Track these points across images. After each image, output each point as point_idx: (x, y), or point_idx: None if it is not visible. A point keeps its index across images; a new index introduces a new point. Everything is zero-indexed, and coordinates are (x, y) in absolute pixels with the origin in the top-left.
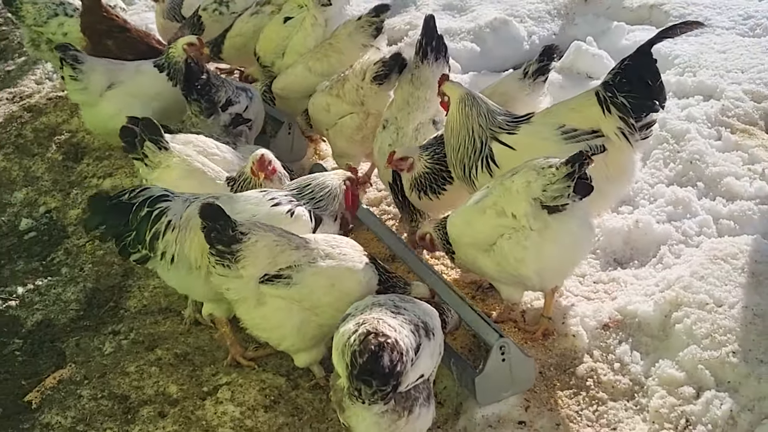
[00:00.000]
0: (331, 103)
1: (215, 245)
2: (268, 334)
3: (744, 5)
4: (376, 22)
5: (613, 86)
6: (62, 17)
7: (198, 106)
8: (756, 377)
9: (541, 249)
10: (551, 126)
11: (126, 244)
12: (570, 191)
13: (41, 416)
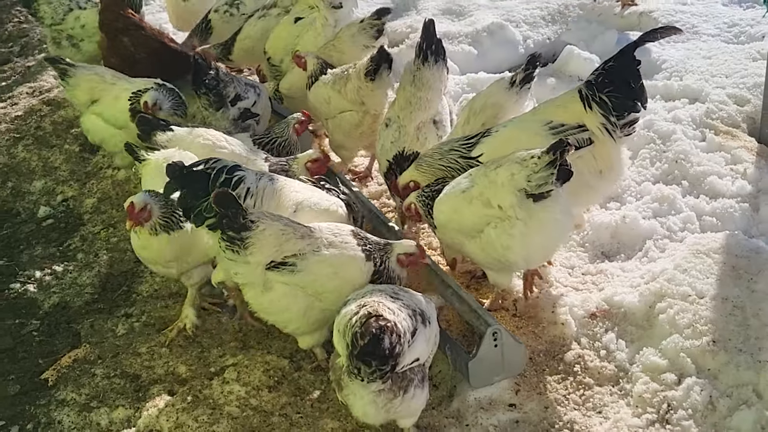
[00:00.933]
0: (332, 97)
1: (226, 231)
2: (274, 318)
3: (729, 13)
4: (377, 24)
5: (595, 85)
6: (77, 11)
7: (207, 100)
8: (735, 365)
9: (527, 237)
10: (540, 122)
11: (201, 210)
12: (553, 178)
13: (57, 393)
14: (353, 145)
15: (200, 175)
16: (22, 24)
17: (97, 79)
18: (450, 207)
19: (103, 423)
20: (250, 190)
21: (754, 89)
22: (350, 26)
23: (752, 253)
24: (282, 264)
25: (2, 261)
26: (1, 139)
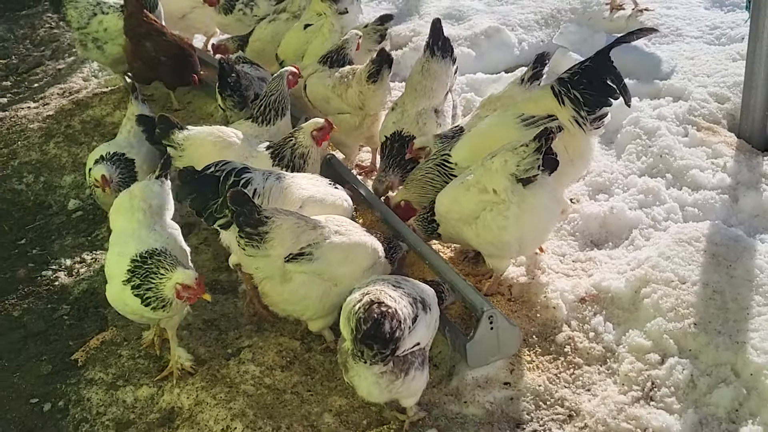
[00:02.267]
0: (331, 98)
1: (244, 228)
2: (293, 307)
3: (711, 17)
4: (380, 29)
5: (569, 82)
6: (100, 15)
7: (231, 101)
8: (714, 346)
9: (520, 218)
10: (512, 116)
11: (212, 211)
12: (539, 163)
13: (86, 372)
14: (353, 142)
15: (210, 178)
16: (53, 29)
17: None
18: (449, 198)
19: (128, 400)
20: (257, 190)
21: (733, 88)
22: (355, 30)
23: (731, 242)
24: (299, 255)
25: (35, 250)
26: (34, 137)
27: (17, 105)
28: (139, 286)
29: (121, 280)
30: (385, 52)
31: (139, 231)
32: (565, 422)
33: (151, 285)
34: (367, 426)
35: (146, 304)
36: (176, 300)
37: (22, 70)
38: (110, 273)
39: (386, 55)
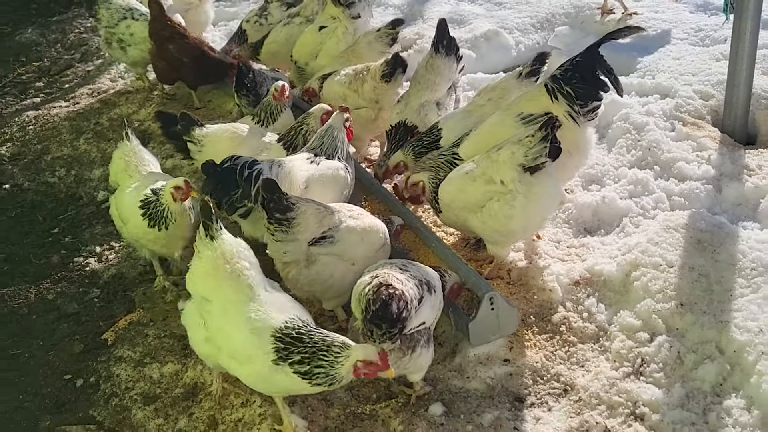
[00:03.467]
0: (348, 95)
1: (274, 214)
2: (317, 287)
3: (696, 20)
4: (392, 33)
5: (561, 79)
6: (129, 20)
7: (247, 100)
8: (700, 325)
9: (526, 208)
10: (512, 115)
11: (233, 201)
12: (546, 151)
13: (115, 351)
14: (366, 135)
15: (230, 171)
16: (82, 34)
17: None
18: (455, 187)
19: (155, 376)
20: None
21: (717, 86)
22: (367, 34)
23: (715, 228)
24: (322, 238)
25: (68, 238)
26: (66, 134)
27: (50, 104)
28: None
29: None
30: (400, 57)
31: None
32: (560, 396)
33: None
34: (376, 400)
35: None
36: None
37: (54, 71)
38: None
39: (401, 60)
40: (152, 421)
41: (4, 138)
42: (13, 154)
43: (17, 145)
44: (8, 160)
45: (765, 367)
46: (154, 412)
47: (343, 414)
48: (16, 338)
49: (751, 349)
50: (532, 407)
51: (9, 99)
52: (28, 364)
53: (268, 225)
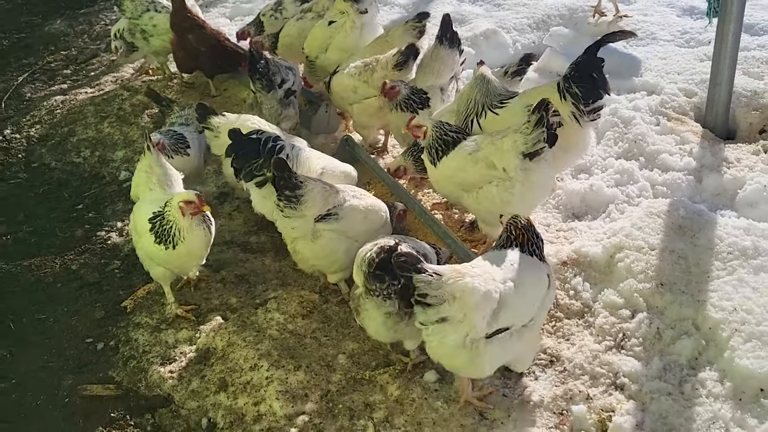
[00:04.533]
0: (358, 86)
1: (284, 191)
2: (322, 261)
3: (682, 23)
4: (419, 26)
5: (570, 79)
6: (152, 12)
7: (260, 84)
8: (678, 304)
9: (524, 194)
10: (522, 105)
11: (252, 169)
12: (544, 136)
13: (134, 317)
14: (374, 124)
15: (254, 141)
16: (107, 26)
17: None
18: (457, 165)
19: (170, 341)
20: (289, 155)
21: (700, 84)
22: (398, 27)
23: (695, 215)
24: (327, 215)
25: (91, 214)
26: (91, 118)
27: (76, 90)
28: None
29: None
30: (414, 46)
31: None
32: (547, 366)
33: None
34: (375, 367)
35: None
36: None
37: (81, 60)
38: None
39: (414, 48)
40: (167, 382)
41: (34, 120)
42: (41, 136)
43: (45, 127)
44: (37, 141)
45: (737, 343)
46: (169, 373)
47: (345, 379)
48: (42, 304)
49: (725, 326)
50: (521, 376)
51: (38, 85)
52: (53, 328)
53: (278, 201)
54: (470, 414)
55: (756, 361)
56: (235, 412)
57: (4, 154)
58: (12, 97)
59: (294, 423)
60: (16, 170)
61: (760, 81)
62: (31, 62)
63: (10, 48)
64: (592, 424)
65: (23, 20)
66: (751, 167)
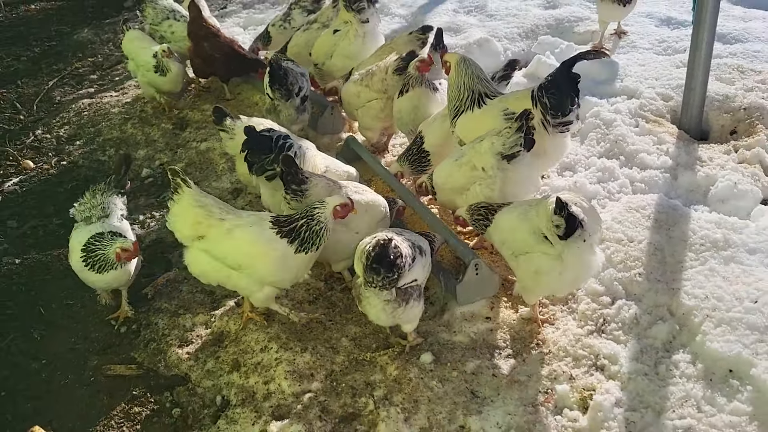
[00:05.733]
0: (361, 91)
1: (291, 185)
2: (326, 252)
3: (659, 32)
4: (422, 37)
5: (543, 89)
6: (172, 20)
7: (279, 93)
8: (654, 291)
9: (503, 190)
10: (499, 109)
11: (264, 164)
12: (521, 141)
13: (154, 303)
14: (378, 125)
15: (266, 138)
16: None
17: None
18: (445, 173)
19: (187, 325)
20: (297, 153)
21: (676, 89)
22: (402, 36)
23: (671, 210)
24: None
25: None
26: (116, 120)
27: (102, 94)
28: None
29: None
30: (413, 52)
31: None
32: (533, 349)
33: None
34: (376, 349)
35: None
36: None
37: (106, 66)
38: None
39: (414, 54)
40: (185, 362)
41: (63, 122)
42: (70, 136)
43: (74, 127)
44: (66, 141)
45: (709, 327)
46: (186, 355)
47: (347, 360)
48: (70, 291)
49: (697, 312)
50: (509, 358)
51: (67, 89)
52: (79, 313)
53: (285, 195)
54: (462, 392)
55: (725, 344)
56: (247, 390)
57: (35, 152)
58: (43, 100)
59: (301, 400)
60: (46, 167)
61: (731, 86)
62: (60, 68)
63: (41, 55)
64: (575, 402)
65: (54, 29)
66: (723, 166)
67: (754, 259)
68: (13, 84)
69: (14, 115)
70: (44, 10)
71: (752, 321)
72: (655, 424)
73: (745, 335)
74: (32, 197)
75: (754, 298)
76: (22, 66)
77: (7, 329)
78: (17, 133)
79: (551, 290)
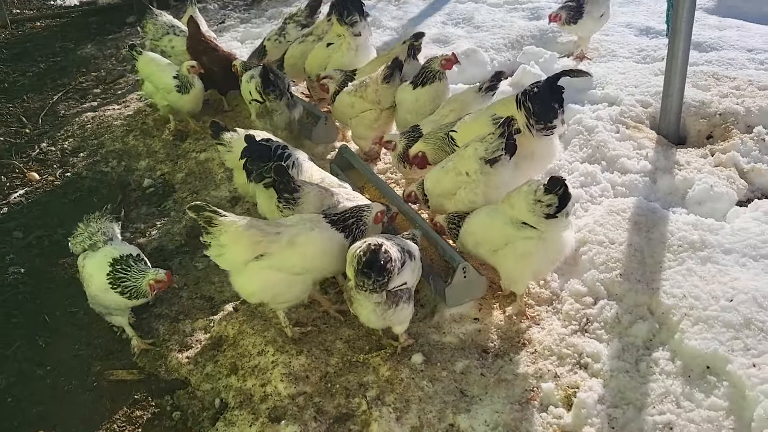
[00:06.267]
0: (355, 102)
1: (283, 194)
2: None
3: (639, 42)
4: (416, 44)
5: (527, 94)
6: (172, 35)
7: (275, 95)
8: (634, 291)
9: (486, 193)
10: (488, 115)
11: (262, 172)
12: (503, 146)
13: (155, 309)
14: (370, 135)
15: (265, 147)
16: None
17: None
18: (434, 179)
19: (187, 330)
20: (294, 163)
21: (655, 96)
22: (398, 45)
23: (650, 213)
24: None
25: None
26: (118, 132)
27: (105, 107)
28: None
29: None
30: (398, 59)
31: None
32: (520, 348)
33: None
34: (369, 350)
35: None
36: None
37: (109, 80)
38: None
39: (398, 62)
40: (184, 366)
41: (67, 134)
42: (74, 148)
43: (78, 140)
44: (70, 153)
45: (687, 326)
46: (186, 359)
47: (341, 362)
48: (74, 299)
49: (675, 311)
50: (496, 357)
51: (71, 102)
52: (83, 320)
53: (278, 203)
54: (452, 391)
55: (703, 341)
56: (245, 393)
57: (41, 165)
58: (48, 114)
59: (296, 402)
60: (51, 179)
61: (707, 92)
62: (65, 83)
63: (46, 70)
64: (560, 399)
65: (58, 45)
66: (699, 169)
67: (730, 259)
68: (19, 99)
69: (20, 128)
70: (49, 27)
71: (728, 319)
72: (636, 420)
73: (721, 333)
74: (37, 208)
75: (729, 297)
76: (28, 81)
77: (13, 337)
78: (23, 146)
79: (538, 271)
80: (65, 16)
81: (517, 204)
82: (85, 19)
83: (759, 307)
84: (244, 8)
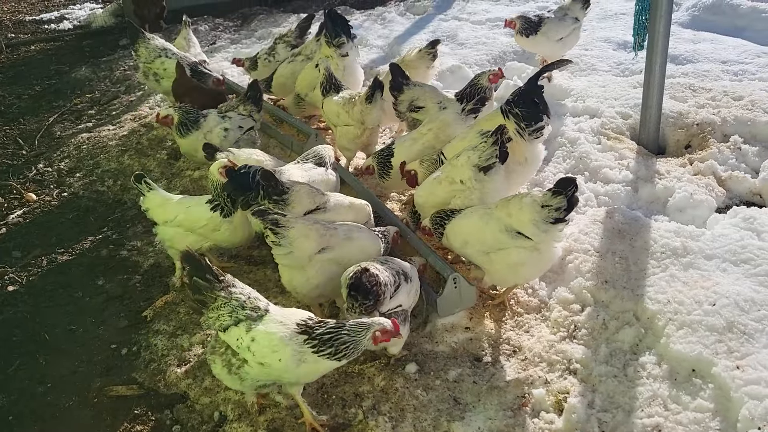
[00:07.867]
0: (340, 113)
1: (272, 197)
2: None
3: (617, 56)
4: (432, 52)
5: (512, 102)
6: (164, 58)
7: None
8: (620, 298)
9: (482, 199)
10: (476, 131)
11: (248, 200)
12: (496, 153)
13: (153, 325)
14: (353, 148)
15: (244, 175)
16: (126, 71)
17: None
18: (426, 191)
19: (185, 345)
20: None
21: (634, 108)
22: (412, 52)
23: (633, 221)
24: (315, 210)
25: (114, 235)
26: (113, 152)
27: (100, 128)
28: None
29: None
30: (378, 80)
31: None
32: (510, 356)
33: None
34: (363, 361)
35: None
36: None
37: (104, 101)
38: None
39: (379, 82)
40: (183, 381)
41: (63, 155)
42: (70, 168)
43: (74, 160)
44: (66, 173)
45: (672, 330)
46: (185, 373)
47: (337, 373)
48: (72, 316)
49: (660, 316)
50: (488, 365)
51: (67, 124)
52: (82, 337)
53: (268, 206)
54: (445, 399)
55: (688, 345)
56: (243, 406)
57: (38, 185)
58: (44, 135)
59: (294, 413)
60: (48, 199)
61: (684, 104)
62: (60, 104)
63: (42, 92)
64: (551, 405)
65: (53, 68)
66: (679, 178)
67: (711, 264)
68: (15, 121)
69: (17, 150)
70: (44, 50)
71: (711, 323)
72: (625, 423)
73: (705, 336)
74: (35, 228)
75: (712, 302)
76: (24, 104)
77: (14, 355)
78: (20, 167)
79: (526, 278)
80: (59, 40)
81: (517, 214)
82: (79, 42)
83: (741, 310)
84: (234, 29)
